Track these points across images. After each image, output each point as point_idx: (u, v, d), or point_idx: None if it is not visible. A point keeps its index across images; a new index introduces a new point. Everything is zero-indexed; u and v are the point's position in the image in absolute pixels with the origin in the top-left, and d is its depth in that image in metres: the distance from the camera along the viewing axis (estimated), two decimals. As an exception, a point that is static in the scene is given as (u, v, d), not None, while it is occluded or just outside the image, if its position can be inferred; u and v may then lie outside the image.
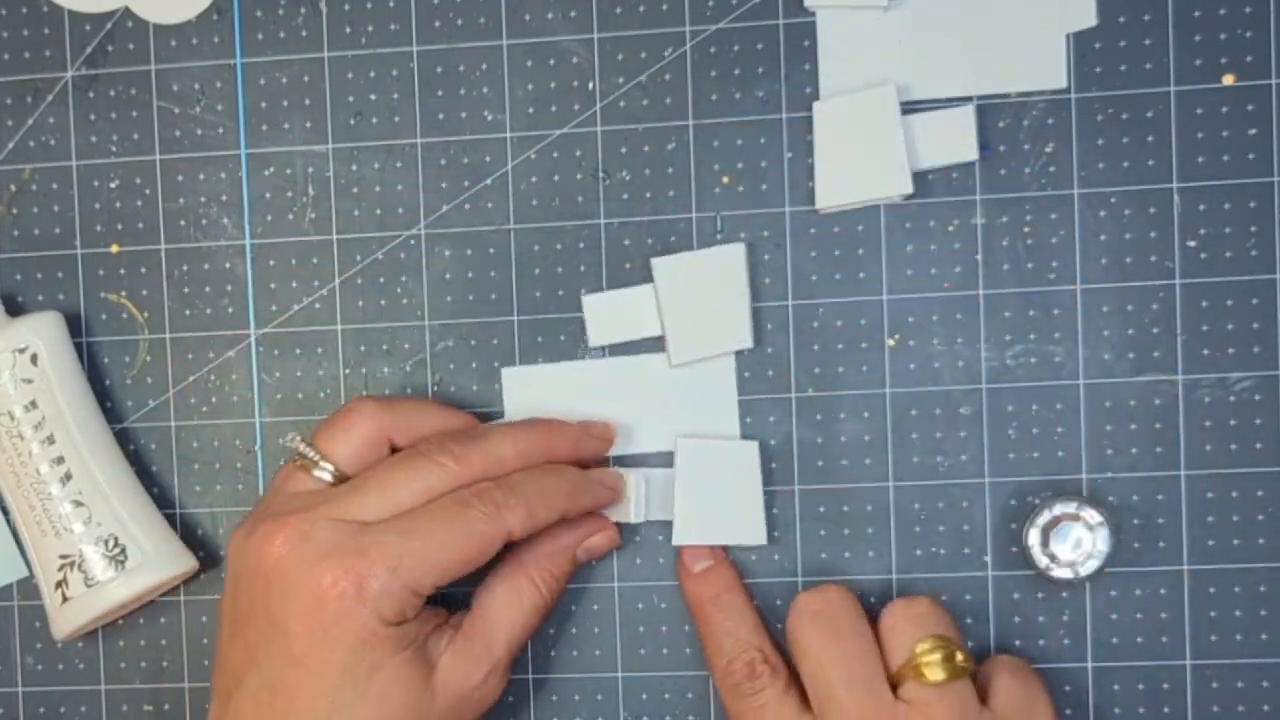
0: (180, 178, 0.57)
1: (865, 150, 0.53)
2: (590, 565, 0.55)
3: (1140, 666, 0.53)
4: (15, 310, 0.57)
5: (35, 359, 0.54)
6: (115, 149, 0.57)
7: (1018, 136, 0.53)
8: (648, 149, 0.55)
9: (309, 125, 0.56)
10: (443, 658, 0.50)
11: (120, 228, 0.57)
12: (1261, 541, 0.52)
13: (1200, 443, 0.53)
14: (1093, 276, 0.53)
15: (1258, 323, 0.52)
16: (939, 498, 0.54)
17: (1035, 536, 0.52)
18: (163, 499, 0.57)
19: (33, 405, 0.54)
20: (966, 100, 0.53)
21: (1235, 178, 0.52)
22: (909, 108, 0.53)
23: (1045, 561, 0.52)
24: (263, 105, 0.56)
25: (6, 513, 0.57)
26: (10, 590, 0.58)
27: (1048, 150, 0.53)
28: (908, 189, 0.53)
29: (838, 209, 0.54)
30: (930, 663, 0.49)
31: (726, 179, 0.54)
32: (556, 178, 0.55)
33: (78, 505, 0.54)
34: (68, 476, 0.54)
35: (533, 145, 0.55)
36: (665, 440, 0.55)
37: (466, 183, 0.56)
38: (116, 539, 0.54)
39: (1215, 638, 0.53)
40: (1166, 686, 0.53)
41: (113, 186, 0.57)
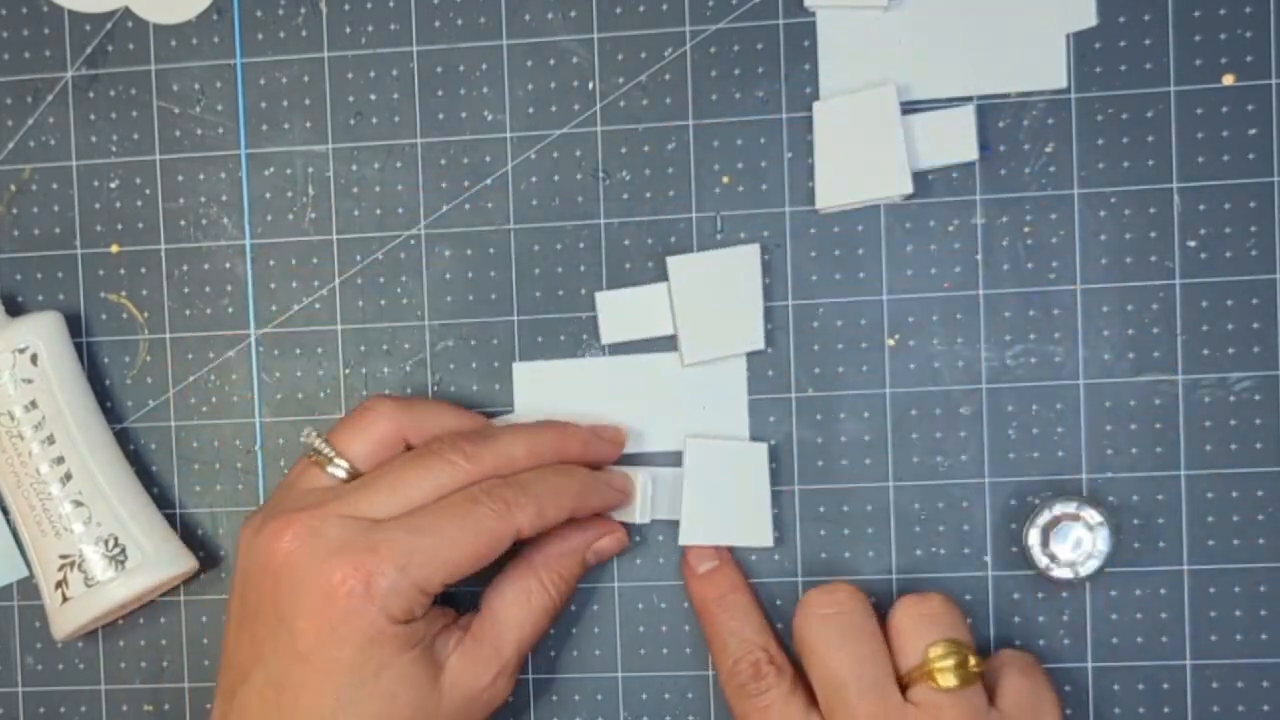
0: (180, 178, 0.57)
1: (865, 150, 0.53)
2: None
3: (1140, 666, 0.53)
4: (15, 310, 0.57)
5: (35, 359, 0.54)
6: (115, 149, 0.57)
7: (1018, 136, 0.53)
8: (648, 149, 0.55)
9: (309, 125, 0.56)
10: (451, 659, 0.50)
11: (120, 228, 0.57)
12: (1261, 541, 0.52)
13: (1200, 443, 0.53)
14: (1093, 276, 0.53)
15: (1258, 323, 0.52)
16: (939, 498, 0.54)
17: (1035, 536, 0.52)
18: (163, 499, 0.57)
19: (33, 405, 0.54)
20: (966, 100, 0.53)
21: (1235, 178, 0.52)
22: (909, 108, 0.53)
23: (1045, 561, 0.52)
24: (263, 105, 0.56)
25: (6, 513, 0.57)
26: (10, 590, 0.58)
27: (1048, 150, 0.53)
28: (908, 189, 0.53)
29: (838, 209, 0.54)
30: (943, 669, 0.48)
31: (726, 179, 0.54)
32: (556, 178, 0.55)
33: (78, 505, 0.54)
34: (68, 476, 0.54)
35: (533, 145, 0.55)
36: (673, 440, 0.55)
37: (466, 183, 0.56)
38: (116, 539, 0.54)
39: (1215, 638, 0.53)
40: (1166, 686, 0.53)
41: (113, 186, 0.57)
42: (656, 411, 0.55)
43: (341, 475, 0.51)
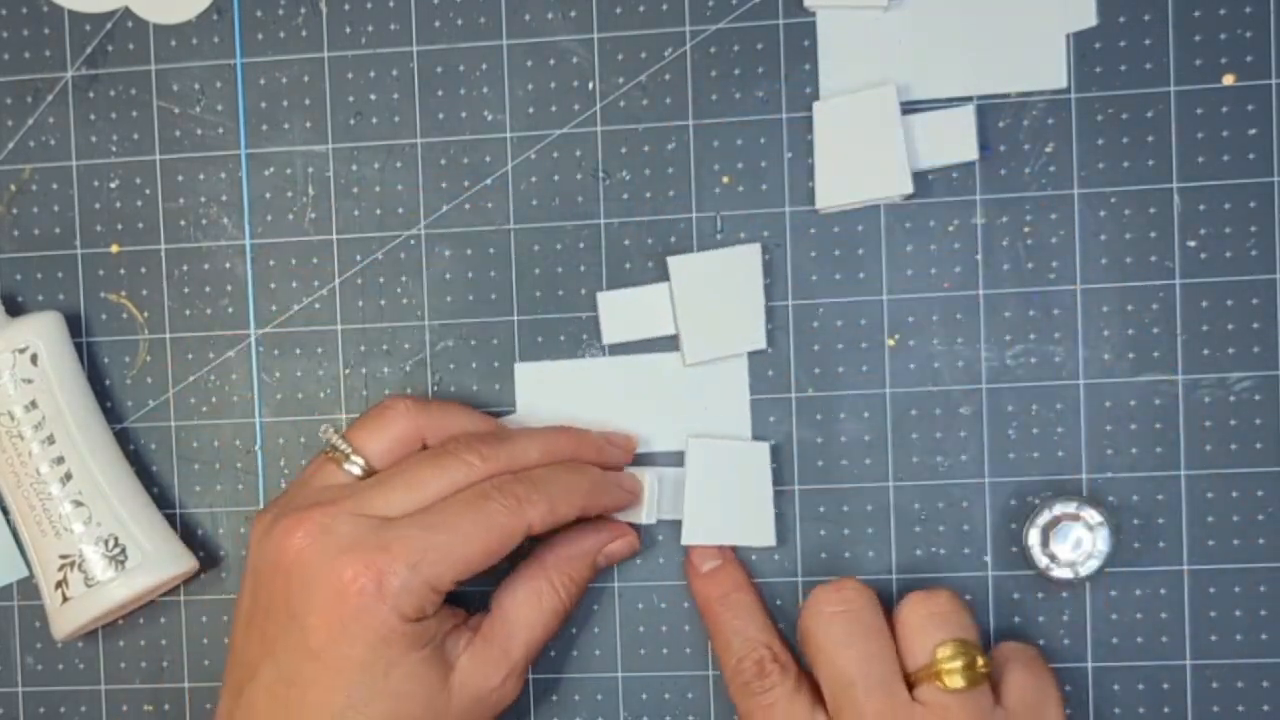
0: (180, 178, 0.57)
1: (865, 150, 0.53)
2: (590, 565, 0.55)
3: (1140, 666, 0.53)
4: (15, 310, 0.57)
5: (35, 359, 0.54)
6: (115, 149, 0.57)
7: (1018, 136, 0.53)
8: (648, 149, 0.55)
9: (309, 125, 0.56)
10: (461, 659, 0.50)
11: (120, 228, 0.57)
12: (1261, 541, 0.52)
13: (1200, 443, 0.53)
14: (1093, 276, 0.53)
15: (1258, 323, 0.52)
16: (939, 498, 0.54)
17: (1035, 536, 0.52)
18: (163, 499, 0.57)
19: (33, 405, 0.54)
20: (966, 100, 0.53)
21: (1235, 178, 0.52)
22: (909, 108, 0.53)
23: (1045, 561, 0.52)
24: (263, 105, 0.56)
25: (6, 513, 0.57)
26: (10, 590, 0.58)
27: (1048, 150, 0.53)
28: (908, 189, 0.53)
29: (838, 209, 0.54)
30: (951, 670, 0.48)
31: (726, 179, 0.54)
32: (556, 178, 0.55)
33: (78, 505, 0.54)
34: (68, 476, 0.54)
35: (533, 145, 0.55)
36: (675, 440, 0.55)
37: (466, 183, 0.56)
38: (116, 539, 0.54)
39: (1215, 638, 0.53)
40: (1166, 686, 0.53)
41: (113, 186, 0.57)
42: (658, 412, 0.55)
43: (357, 472, 0.51)
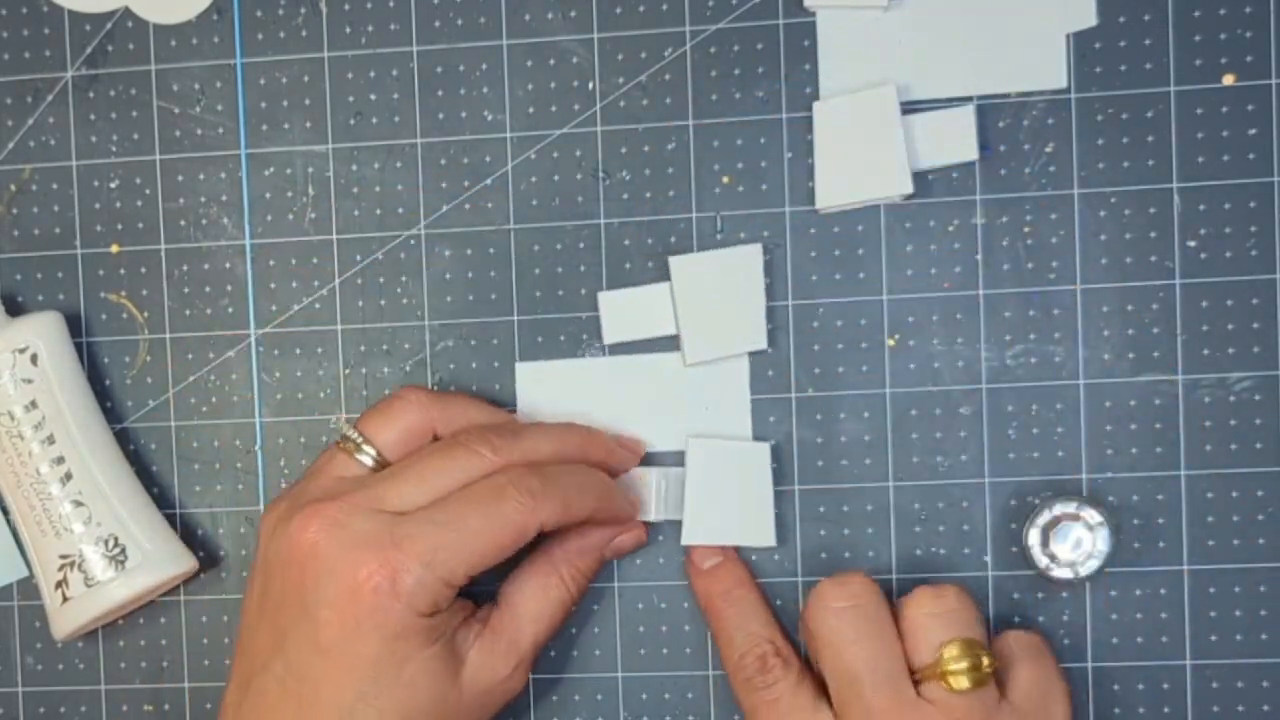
0: (180, 178, 0.57)
1: (865, 150, 0.53)
2: (590, 565, 0.55)
3: (1140, 666, 0.53)
4: (15, 310, 0.57)
5: (35, 359, 0.54)
6: (115, 149, 0.57)
7: (1018, 136, 0.53)
8: (648, 149, 0.55)
9: (309, 125, 0.56)
10: (471, 652, 0.50)
11: (120, 228, 0.57)
12: (1261, 541, 0.52)
13: (1200, 443, 0.53)
14: (1093, 276, 0.53)
15: (1258, 323, 0.52)
16: (939, 498, 0.54)
17: (1035, 536, 0.52)
18: (163, 499, 0.57)
19: (33, 405, 0.54)
20: (966, 100, 0.53)
21: (1235, 178, 0.52)
22: (909, 108, 0.53)
23: (1045, 561, 0.52)
24: (263, 105, 0.56)
25: (6, 513, 0.57)
26: (10, 590, 0.58)
27: (1048, 150, 0.53)
28: (908, 189, 0.53)
29: (838, 209, 0.54)
30: (957, 671, 0.48)
31: (726, 179, 0.54)
32: (556, 178, 0.55)
33: (78, 505, 0.54)
34: (68, 476, 0.54)
35: (533, 145, 0.55)
36: (675, 440, 0.55)
37: (466, 183, 0.56)
38: (116, 539, 0.54)
39: (1215, 638, 0.53)
40: (1166, 686, 0.53)
41: (113, 186, 0.57)
42: (658, 412, 0.55)
43: (369, 463, 0.51)
